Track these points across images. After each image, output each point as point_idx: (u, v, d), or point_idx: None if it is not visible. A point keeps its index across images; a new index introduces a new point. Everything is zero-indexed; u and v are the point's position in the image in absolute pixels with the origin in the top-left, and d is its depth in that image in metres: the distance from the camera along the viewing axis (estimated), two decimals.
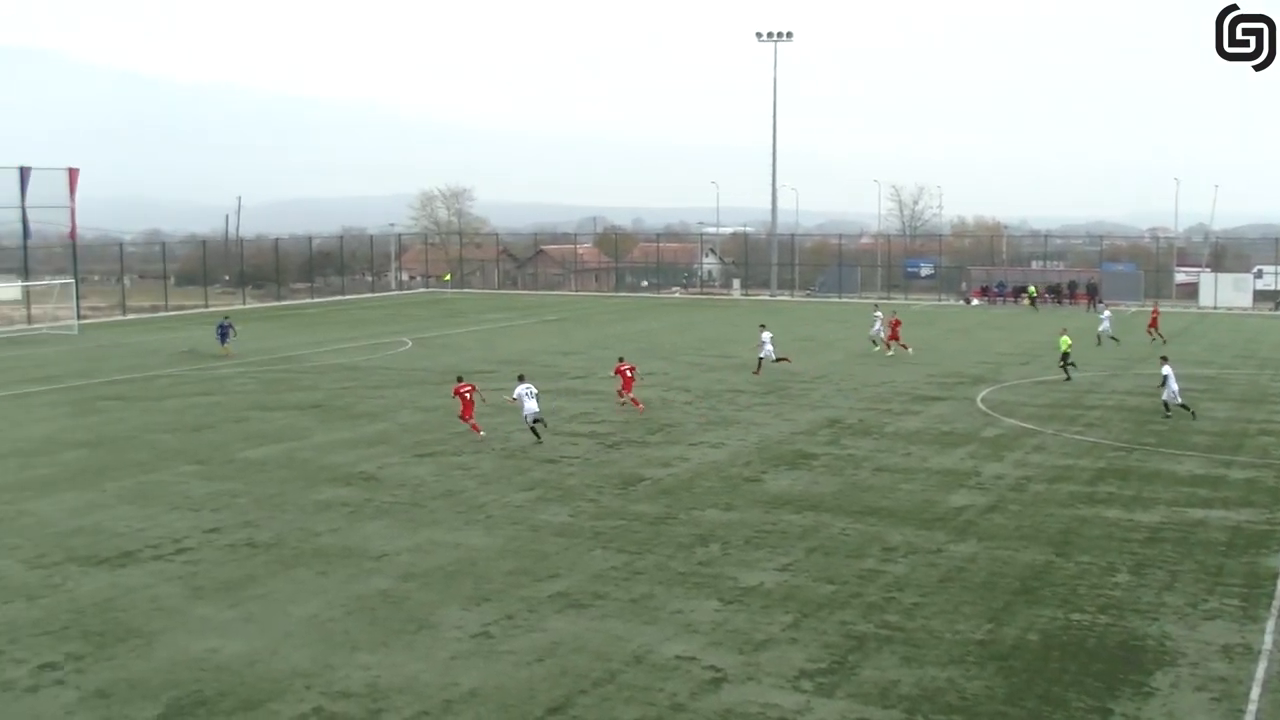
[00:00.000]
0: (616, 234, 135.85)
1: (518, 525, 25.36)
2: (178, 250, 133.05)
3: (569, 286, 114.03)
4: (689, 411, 39.46)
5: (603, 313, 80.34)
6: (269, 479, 29.88)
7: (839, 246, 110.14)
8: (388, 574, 22.07)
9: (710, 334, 65.66)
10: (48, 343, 63.88)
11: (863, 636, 19.05)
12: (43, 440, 35.16)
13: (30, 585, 21.52)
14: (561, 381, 46.31)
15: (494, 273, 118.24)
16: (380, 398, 42.60)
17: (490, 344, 60.18)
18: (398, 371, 49.51)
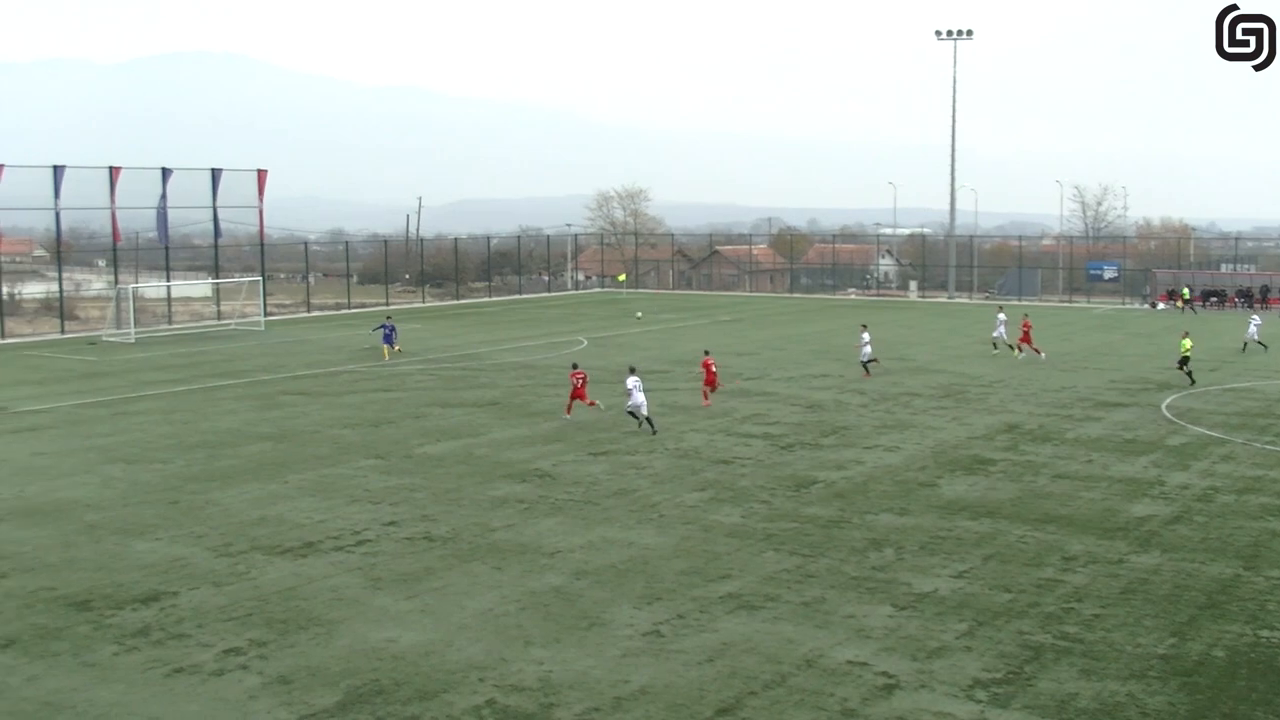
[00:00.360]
0: (792, 235, 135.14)
1: (690, 525, 25.40)
2: (360, 249, 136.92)
3: (744, 287, 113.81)
4: (863, 414, 39.04)
5: (777, 314, 80.00)
6: (446, 474, 30.47)
7: (1019, 249, 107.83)
8: (561, 570, 22.31)
9: (886, 336, 64.80)
10: (235, 338, 66.25)
11: (1040, 647, 18.59)
12: (229, 433, 36.46)
13: (217, 572, 22.33)
14: (735, 382, 46.20)
15: (669, 273, 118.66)
16: (556, 395, 43.08)
17: (664, 343, 60.38)
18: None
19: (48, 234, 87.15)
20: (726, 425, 36.93)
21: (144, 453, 33.42)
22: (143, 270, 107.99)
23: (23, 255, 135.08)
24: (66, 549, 23.88)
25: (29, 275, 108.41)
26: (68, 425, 38.04)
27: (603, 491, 28.49)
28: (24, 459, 32.78)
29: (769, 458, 32.31)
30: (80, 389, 46.32)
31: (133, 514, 26.62)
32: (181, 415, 39.73)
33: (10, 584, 21.67)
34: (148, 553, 23.56)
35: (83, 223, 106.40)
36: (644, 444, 34.02)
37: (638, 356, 54.31)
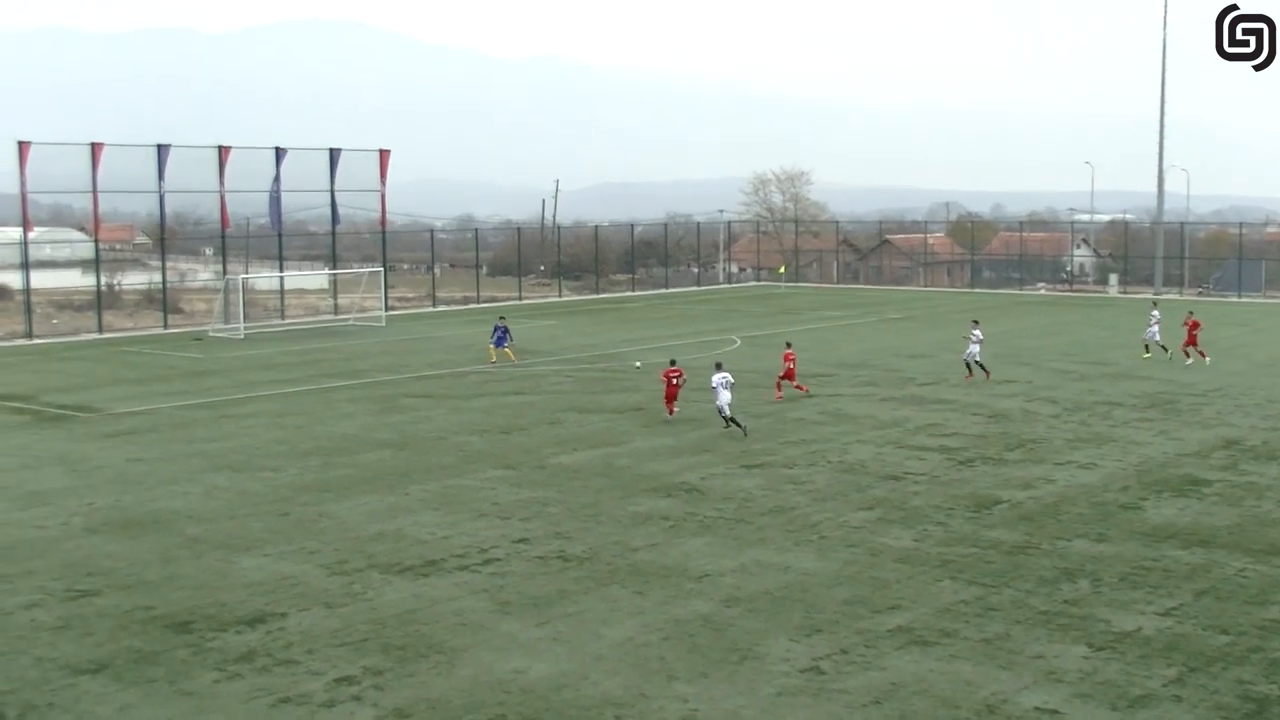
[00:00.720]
0: (973, 222, 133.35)
1: (855, 548, 25.12)
2: (491, 238, 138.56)
3: (917, 281, 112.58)
4: (1055, 426, 38.28)
5: (955, 311, 78.89)
6: (583, 487, 30.61)
7: (1239, 237, 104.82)
8: (709, 597, 22.21)
9: (1082, 337, 63.56)
10: (353, 334, 67.49)
11: (1264, 699, 17.96)
12: (345, 438, 37.10)
13: (330, 592, 22.68)
14: (907, 388, 45.71)
15: (833, 265, 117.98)
16: (706, 401, 42.98)
17: (827, 344, 59.97)
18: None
19: (150, 219, 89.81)
20: (897, 436, 36.51)
21: (252, 460, 34.18)
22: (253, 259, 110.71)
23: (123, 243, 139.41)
24: (165, 565, 24.48)
25: (130, 264, 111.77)
26: (169, 429, 39.09)
27: (757, 509, 28.34)
28: (120, 465, 33.75)
29: (946, 474, 31.85)
30: (183, 389, 47.59)
31: (238, 527, 27.21)
32: (293, 419, 40.56)
33: (104, 602, 22.28)
34: (254, 570, 24.05)
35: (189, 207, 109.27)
36: (804, 456, 33.79)
37: (800, 357, 53.93)
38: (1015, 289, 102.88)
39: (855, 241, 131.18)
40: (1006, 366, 51.23)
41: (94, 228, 74.60)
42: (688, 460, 33.56)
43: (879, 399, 43.35)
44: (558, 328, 69.71)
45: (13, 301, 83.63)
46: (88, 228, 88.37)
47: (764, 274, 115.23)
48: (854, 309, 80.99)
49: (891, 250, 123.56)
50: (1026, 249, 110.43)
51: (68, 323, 75.38)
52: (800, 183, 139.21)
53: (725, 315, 76.66)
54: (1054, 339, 62.59)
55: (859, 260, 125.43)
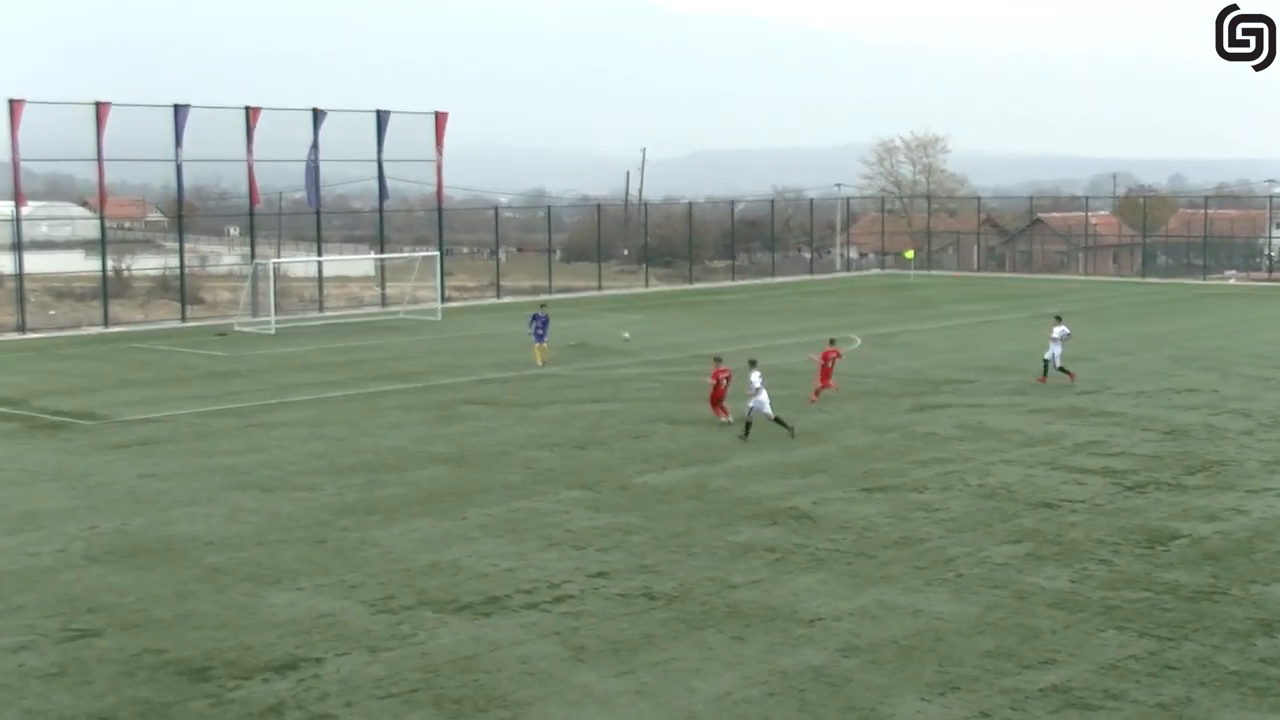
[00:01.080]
0: (1145, 196, 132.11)
1: (998, 590, 24.88)
2: (565, 217, 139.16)
3: (1075, 268, 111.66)
4: (1248, 445, 37.75)
5: (1123, 305, 78.12)
6: (673, 512, 30.56)
7: None
8: (823, 645, 22.08)
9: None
10: (404, 330, 67.93)
11: None
12: (393, 452, 37.32)
13: (374, 634, 22.78)
14: (1063, 397, 45.28)
15: (973, 249, 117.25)
16: (820, 411, 42.87)
17: (965, 344, 59.52)
18: (844, 377, 49.66)
19: (166, 193, 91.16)
20: (1051, 456, 36.16)
21: (284, 477, 34.47)
22: (286, 241, 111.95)
23: (134, 220, 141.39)
24: (180, 600, 24.70)
25: (141, 246, 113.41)
26: (186, 439, 39.52)
27: (880, 540, 28.16)
28: (129, 482, 34.15)
29: (1110, 501, 31.50)
30: (203, 392, 48.11)
31: (267, 555, 27.42)
32: (333, 429, 40.88)
33: (106, 644, 22.50)
34: (285, 606, 24.21)
35: (211, 179, 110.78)
36: (937, 478, 33.55)
37: (929, 360, 53.72)
38: (1197, 278, 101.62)
39: (1000, 221, 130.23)
40: (1187, 372, 50.60)
41: (99, 202, 75.42)
42: (797, 481, 33.42)
43: (1028, 410, 42.97)
44: (644, 323, 69.71)
45: (3, 289, 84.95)
46: (91, 202, 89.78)
47: (889, 260, 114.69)
48: (999, 302, 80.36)
49: (1044, 232, 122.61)
50: (1212, 229, 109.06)
51: (67, 314, 76.57)
52: (934, 150, 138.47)
53: (843, 309, 76.38)
54: (1246, 339, 61.77)
55: (1005, 244, 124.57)
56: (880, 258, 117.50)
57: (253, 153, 74.23)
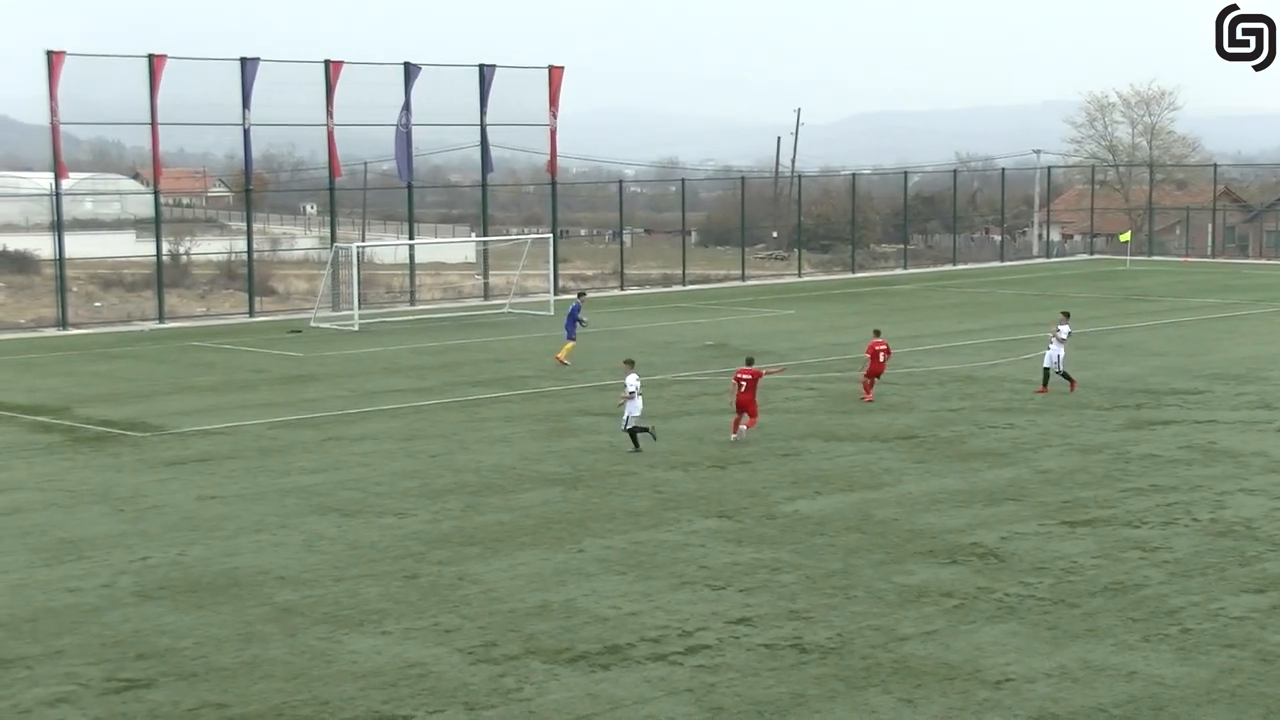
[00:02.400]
0: None
1: (1235, 650, 24.54)
2: (703, 192, 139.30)
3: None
4: None
5: None
6: (829, 547, 30.46)
7: None
8: (1013, 711, 21.92)
9: None
10: (510, 327, 68.25)
11: None
12: (496, 471, 37.51)
13: (471, 688, 22.90)
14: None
15: (1207, 229, 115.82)
16: (1009, 426, 42.54)
17: (1196, 346, 58.83)
18: (1033, 386, 49.34)
19: (231, 163, 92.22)
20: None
21: (368, 499, 34.77)
22: (373, 221, 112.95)
23: (193, 196, 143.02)
24: (246, 644, 24.98)
25: (202, 226, 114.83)
26: (254, 455, 39.98)
27: (1086, 586, 27.89)
28: (187, 505, 34.60)
29: None
30: (274, 400, 48.67)
31: (348, 593, 27.67)
32: (426, 444, 41.18)
33: (159, 697, 22.78)
34: (369, 654, 24.40)
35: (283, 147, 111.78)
36: (1157, 510, 33.15)
37: (1146, 366, 53.14)
38: None
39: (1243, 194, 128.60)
40: None
41: (153, 174, 76.18)
42: (982, 511, 33.20)
43: (1276, 429, 42.40)
44: (796, 319, 69.62)
45: (40, 276, 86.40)
46: (144, 174, 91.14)
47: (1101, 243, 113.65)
48: (1238, 294, 79.32)
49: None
50: None
51: (116, 307, 77.64)
52: (1160, 108, 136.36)
53: (1041, 303, 75.64)
54: None
55: (1248, 222, 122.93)
56: (1089, 240, 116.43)
57: (333, 116, 74.80)
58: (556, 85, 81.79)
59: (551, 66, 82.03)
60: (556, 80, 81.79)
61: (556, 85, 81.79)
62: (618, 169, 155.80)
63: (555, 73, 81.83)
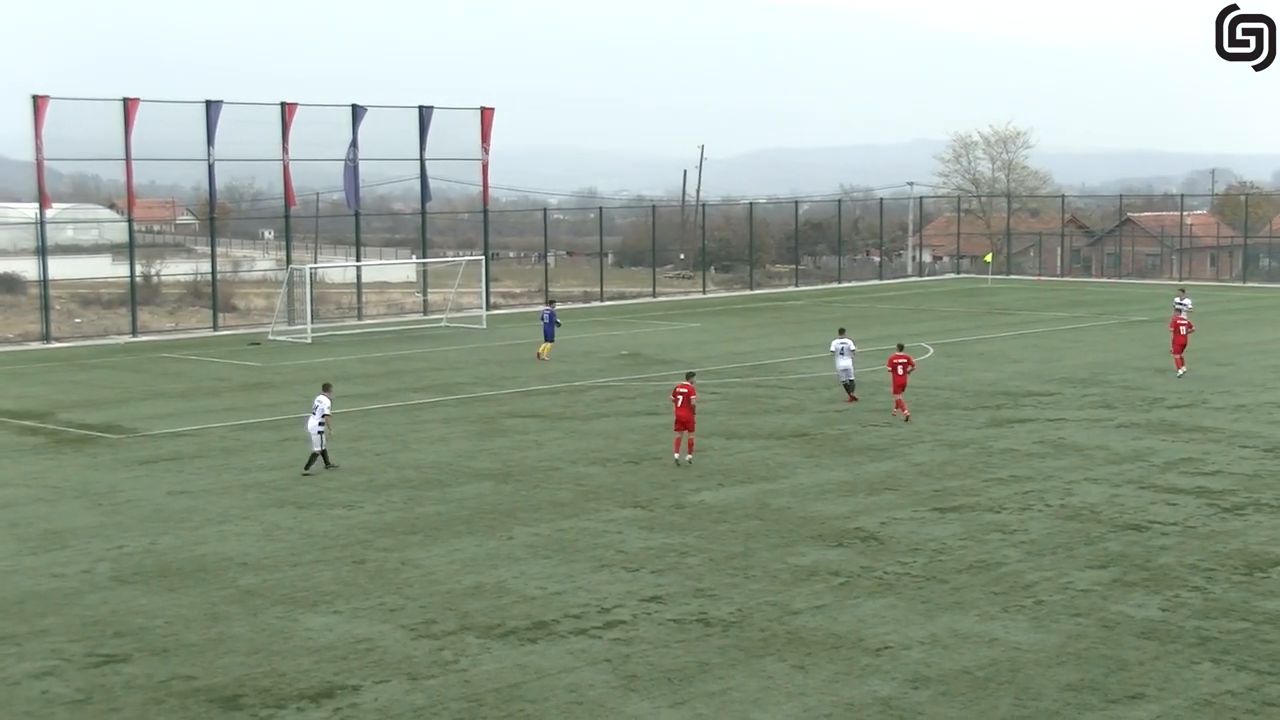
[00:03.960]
0: (1246, 194, 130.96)
1: (1081, 618, 24.81)
2: (618, 218, 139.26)
3: (1168, 272, 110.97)
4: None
5: (1222, 312, 77.60)
6: (732, 532, 30.61)
7: None
8: (891, 675, 22.09)
9: None
10: (447, 339, 68.13)
11: None
12: (435, 468, 37.51)
13: (414, 661, 22.93)
14: (1154, 411, 45.07)
15: (1056, 251, 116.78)
16: (888, 425, 42.82)
17: (1048, 354, 59.28)
18: (915, 389, 49.60)
19: (197, 194, 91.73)
20: (1140, 474, 35.99)
21: (321, 493, 34.72)
22: (324, 245, 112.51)
23: (163, 223, 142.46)
24: (211, 623, 24.93)
25: (171, 250, 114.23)
26: (219, 454, 39.83)
27: (954, 564, 28.13)
28: (158, 499, 34.45)
29: (1205, 524, 31.33)
30: (236, 405, 48.45)
31: (303, 577, 27.64)
32: (372, 443, 41.12)
33: (134, 670, 22.74)
34: (322, 631, 24.40)
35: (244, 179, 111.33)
36: (1015, 498, 33.47)
37: (1006, 371, 53.52)
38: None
39: (1087, 221, 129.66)
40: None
41: (127, 204, 76.07)
42: (865, 500, 33.42)
43: (1115, 425, 42.78)
44: (702, 331, 69.76)
45: (26, 295, 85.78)
46: (119, 204, 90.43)
47: (966, 263, 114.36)
48: (1085, 308, 79.92)
49: (1135, 232, 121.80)
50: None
51: (94, 322, 77.16)
52: (1015, 146, 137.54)
53: (915, 316, 76.13)
54: None
55: (1091, 246, 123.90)
56: (955, 261, 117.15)
57: (288, 151, 74.61)
58: (487, 124, 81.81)
59: (483, 108, 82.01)
60: (488, 120, 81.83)
61: (487, 124, 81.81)
62: (543, 198, 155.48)
63: (487, 113, 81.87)
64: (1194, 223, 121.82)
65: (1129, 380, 51.38)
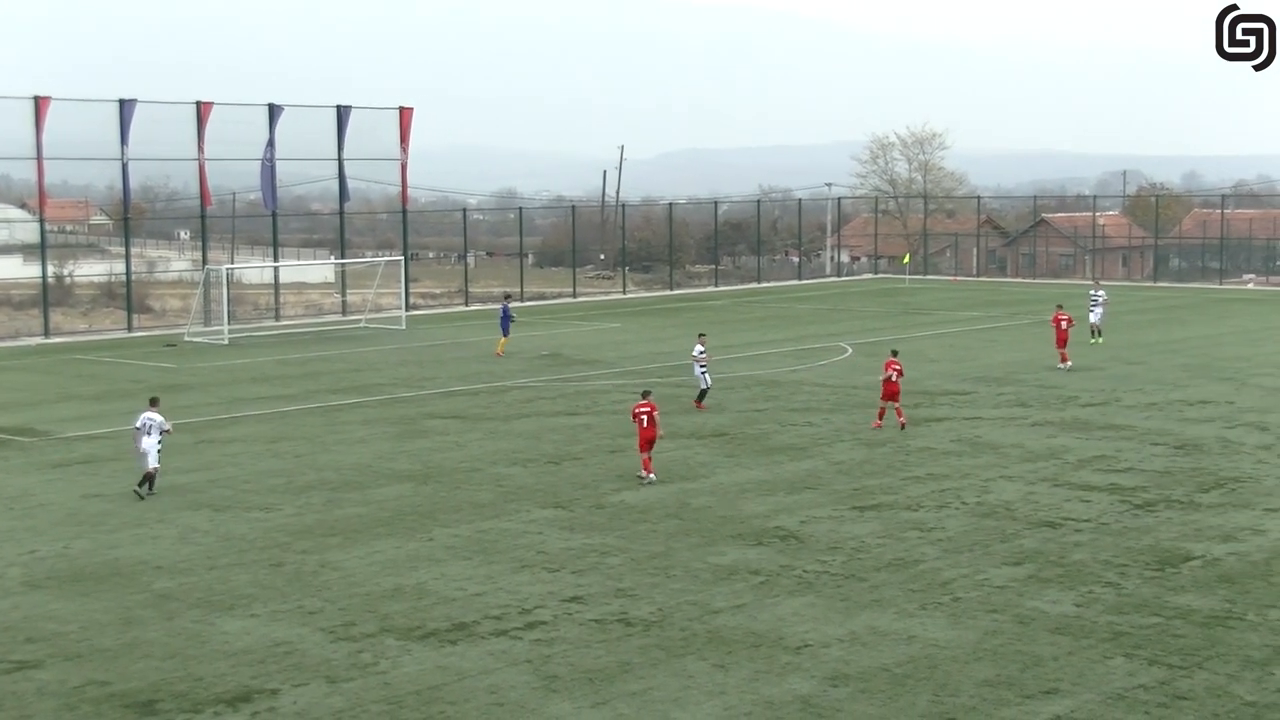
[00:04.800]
0: (1157, 195, 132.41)
1: (998, 614, 24.97)
2: (538, 219, 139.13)
3: (1081, 272, 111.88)
4: (1266, 460, 37.86)
5: (1134, 311, 78.27)
6: (652, 532, 30.64)
7: None
8: (811, 673, 22.16)
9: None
10: (366, 339, 67.86)
11: None
12: (354, 469, 37.35)
13: (332, 664, 22.82)
14: (1068, 409, 45.42)
15: (972, 252, 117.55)
16: (808, 425, 42.97)
17: (964, 353, 59.63)
18: (833, 389, 49.88)
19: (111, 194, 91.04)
20: (1054, 472, 36.27)
21: (238, 496, 34.50)
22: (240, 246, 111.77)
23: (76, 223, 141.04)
24: (126, 628, 24.71)
25: (85, 251, 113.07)
26: (133, 457, 39.46)
27: (872, 562, 28.26)
28: (71, 502, 34.13)
29: (1118, 520, 31.60)
30: None
31: (220, 580, 27.45)
32: (291, 445, 40.91)
33: (47, 676, 22.50)
34: (239, 635, 24.24)
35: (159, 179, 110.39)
36: (932, 496, 33.66)
37: (925, 371, 53.78)
38: (1213, 282, 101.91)
39: (1002, 222, 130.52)
40: (1200, 383, 50.74)
41: (39, 203, 75.45)
42: (784, 499, 33.51)
43: (1030, 424, 43.09)
44: (622, 331, 69.76)
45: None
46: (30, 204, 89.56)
47: (884, 264, 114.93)
48: (1000, 308, 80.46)
49: (1049, 233, 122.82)
50: (1230, 230, 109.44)
51: (5, 324, 76.29)
52: (932, 147, 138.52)
53: (833, 316, 76.43)
54: (1265, 347, 61.90)
55: (1006, 246, 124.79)
56: (873, 261, 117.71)
57: (204, 151, 74.08)
58: (406, 124, 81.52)
59: (401, 108, 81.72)
60: (406, 120, 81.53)
61: (406, 124, 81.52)
62: (462, 198, 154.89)
63: (406, 113, 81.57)
64: (1106, 223, 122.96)
65: (1043, 379, 51.78)
